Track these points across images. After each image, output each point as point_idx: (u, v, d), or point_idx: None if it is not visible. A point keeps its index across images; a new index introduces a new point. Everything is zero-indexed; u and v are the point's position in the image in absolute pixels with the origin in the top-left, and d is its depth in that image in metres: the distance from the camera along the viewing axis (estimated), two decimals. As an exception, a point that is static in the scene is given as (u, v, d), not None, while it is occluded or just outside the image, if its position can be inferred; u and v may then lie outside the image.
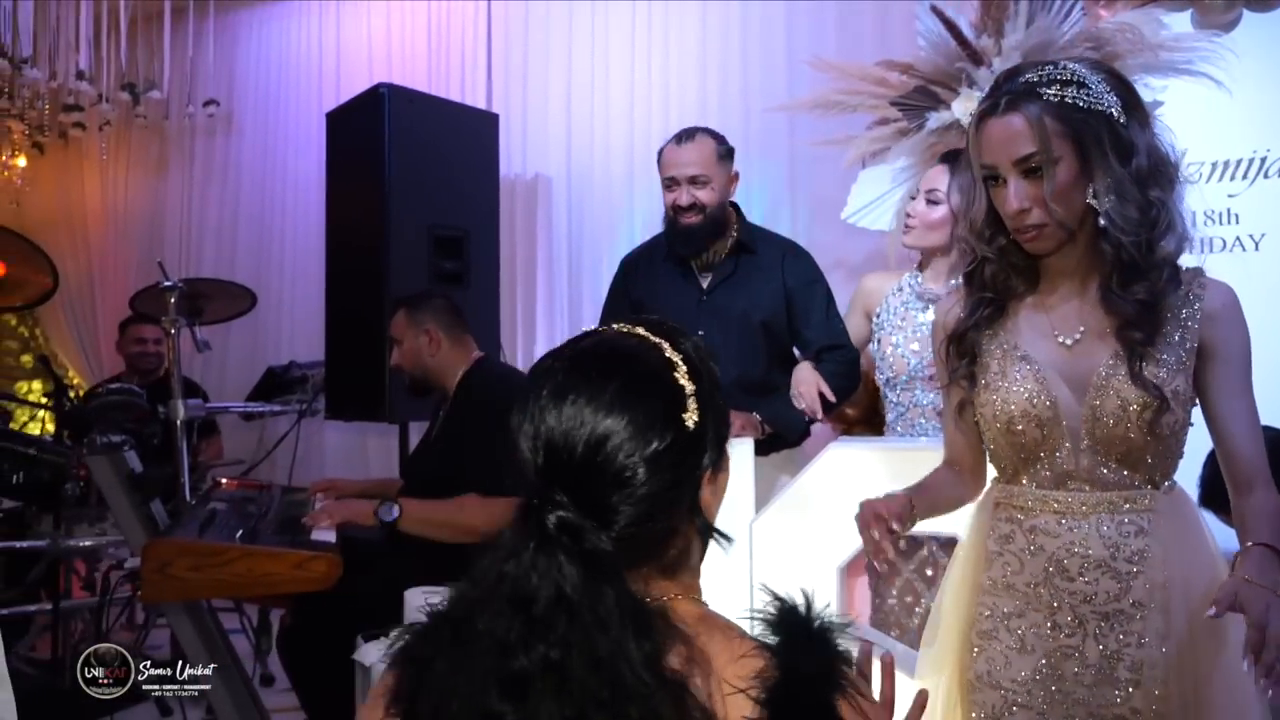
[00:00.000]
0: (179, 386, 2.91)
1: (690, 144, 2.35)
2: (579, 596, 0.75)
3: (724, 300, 2.37)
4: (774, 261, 2.37)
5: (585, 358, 0.87)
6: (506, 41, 4.32)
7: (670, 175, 2.35)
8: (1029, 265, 1.33)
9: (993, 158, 1.26)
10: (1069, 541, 1.28)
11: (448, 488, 2.43)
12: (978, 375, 1.35)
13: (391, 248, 3.22)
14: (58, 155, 5.73)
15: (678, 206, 2.33)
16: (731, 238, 2.40)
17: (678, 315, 2.37)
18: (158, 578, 1.82)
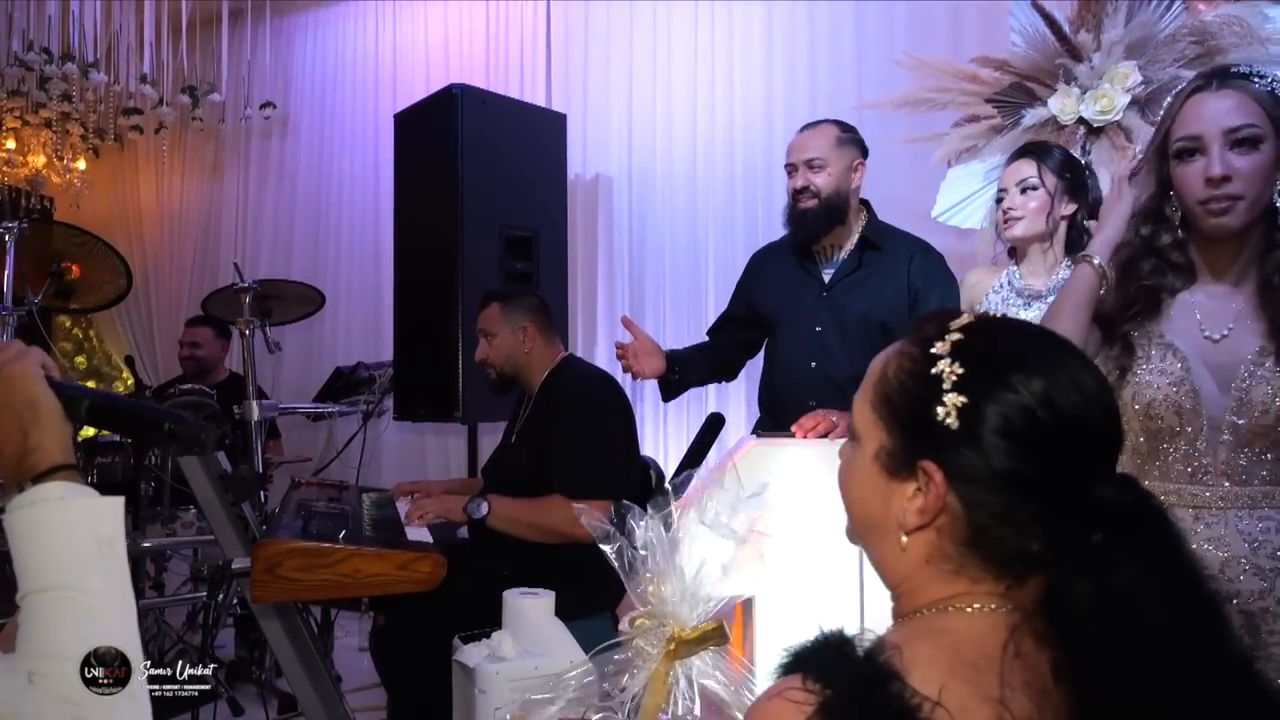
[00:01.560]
0: (254, 387, 2.93)
1: (811, 130, 2.35)
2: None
3: (844, 297, 2.33)
4: (901, 260, 2.32)
5: None
6: (566, 41, 4.31)
7: (789, 161, 2.34)
8: (1187, 263, 1.34)
9: (1200, 127, 1.26)
10: (1208, 538, 1.27)
11: (530, 487, 2.42)
12: (1128, 367, 1.35)
13: (464, 249, 3.22)
14: (113, 159, 5.80)
15: (794, 191, 2.31)
16: (857, 233, 2.36)
17: (796, 310, 2.37)
18: (268, 578, 1.82)
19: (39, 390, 0.86)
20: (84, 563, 0.81)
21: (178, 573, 4.00)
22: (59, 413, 0.87)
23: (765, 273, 2.50)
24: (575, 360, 2.73)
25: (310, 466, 3.79)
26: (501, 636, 1.96)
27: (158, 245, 5.87)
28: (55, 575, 0.80)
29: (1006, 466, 0.73)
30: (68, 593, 0.79)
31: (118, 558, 0.83)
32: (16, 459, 0.84)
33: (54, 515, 0.81)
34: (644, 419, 3.83)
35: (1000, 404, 0.74)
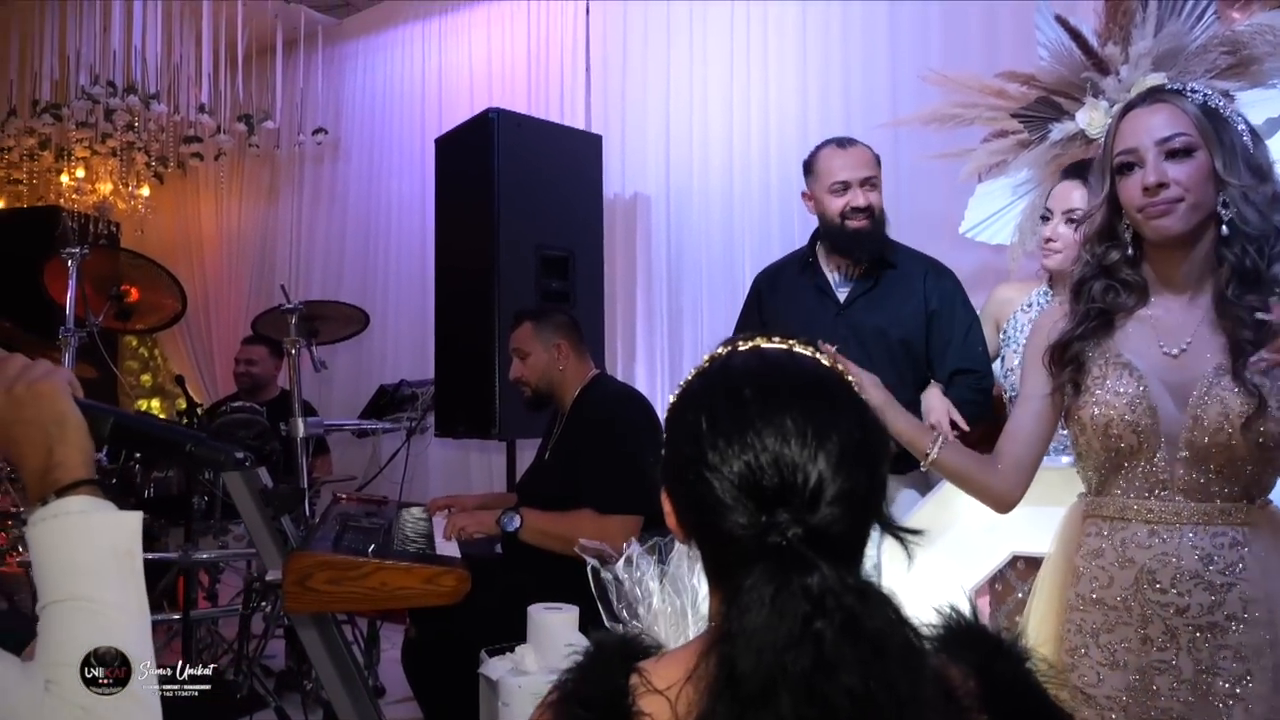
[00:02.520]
0: (299, 405, 3.03)
1: (855, 148, 2.36)
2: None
3: (862, 314, 2.34)
4: (916, 278, 2.33)
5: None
6: (605, 62, 4.38)
7: (841, 179, 2.32)
8: (1138, 280, 1.36)
9: (1135, 140, 1.30)
10: (1160, 552, 1.28)
11: (563, 503, 2.47)
12: (1081, 384, 1.36)
13: (501, 268, 3.30)
14: (175, 185, 6.05)
15: (852, 209, 2.30)
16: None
17: (814, 328, 2.36)
18: (298, 590, 1.88)
19: (66, 407, 0.89)
20: (101, 574, 0.83)
21: (230, 585, 4.13)
22: (84, 429, 0.90)
23: (777, 292, 2.51)
24: (606, 378, 2.77)
25: (357, 483, 3.89)
26: (525, 650, 2.00)
27: (217, 267, 6.10)
28: (73, 586, 0.82)
29: (690, 506, 0.80)
30: (84, 603, 0.82)
31: (134, 570, 0.85)
32: (41, 473, 0.87)
33: (74, 528, 0.84)
34: (673, 436, 3.86)
35: (678, 449, 0.83)
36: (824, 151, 2.39)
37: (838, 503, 0.72)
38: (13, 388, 0.88)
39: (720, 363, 0.84)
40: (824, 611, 0.68)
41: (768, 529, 0.72)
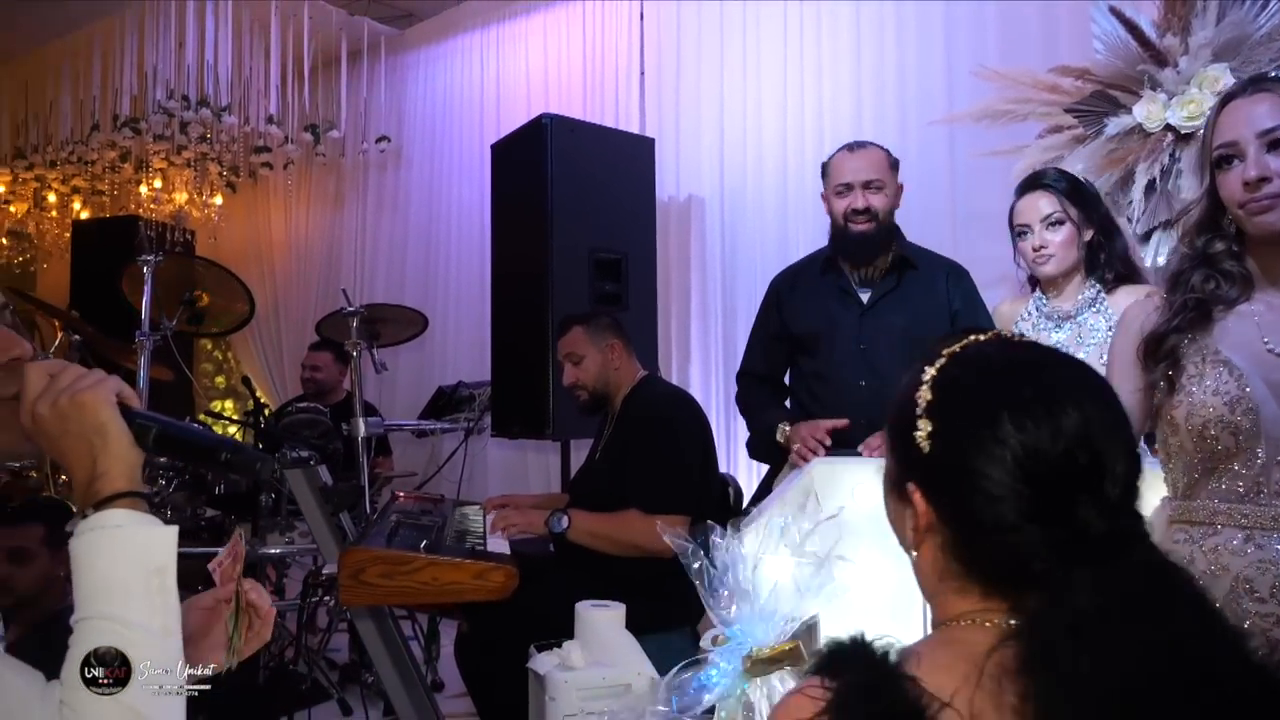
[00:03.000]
0: (360, 405, 3.12)
1: (863, 151, 2.37)
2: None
3: (886, 314, 2.35)
4: (937, 279, 2.34)
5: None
6: (659, 66, 4.41)
7: (844, 181, 2.35)
8: (1241, 272, 1.30)
9: (1235, 133, 1.26)
10: (1258, 560, 1.22)
11: (612, 503, 2.49)
12: (1175, 380, 1.31)
13: (554, 271, 3.35)
14: (247, 194, 6.26)
15: (853, 211, 2.32)
16: (893, 252, 2.38)
17: (839, 330, 2.38)
18: (352, 583, 1.95)
19: (108, 416, 0.88)
20: (128, 593, 0.83)
21: (297, 579, 4.26)
22: (128, 439, 0.89)
23: (797, 294, 2.50)
24: (654, 379, 2.79)
25: (416, 481, 3.99)
26: (572, 646, 2.03)
27: (286, 272, 6.30)
28: (101, 604, 0.82)
29: (975, 496, 0.75)
30: (108, 623, 0.82)
31: (162, 588, 0.84)
32: (86, 484, 0.87)
33: (108, 543, 0.84)
34: (721, 436, 3.86)
35: (968, 437, 0.76)
36: (836, 155, 2.42)
37: (1132, 488, 0.74)
38: (58, 400, 0.88)
39: (976, 349, 0.82)
40: (1131, 608, 0.68)
41: (1074, 513, 0.71)
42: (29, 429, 0.89)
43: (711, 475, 2.67)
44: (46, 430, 0.88)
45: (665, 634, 2.43)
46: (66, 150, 5.61)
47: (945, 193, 3.53)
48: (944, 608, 0.82)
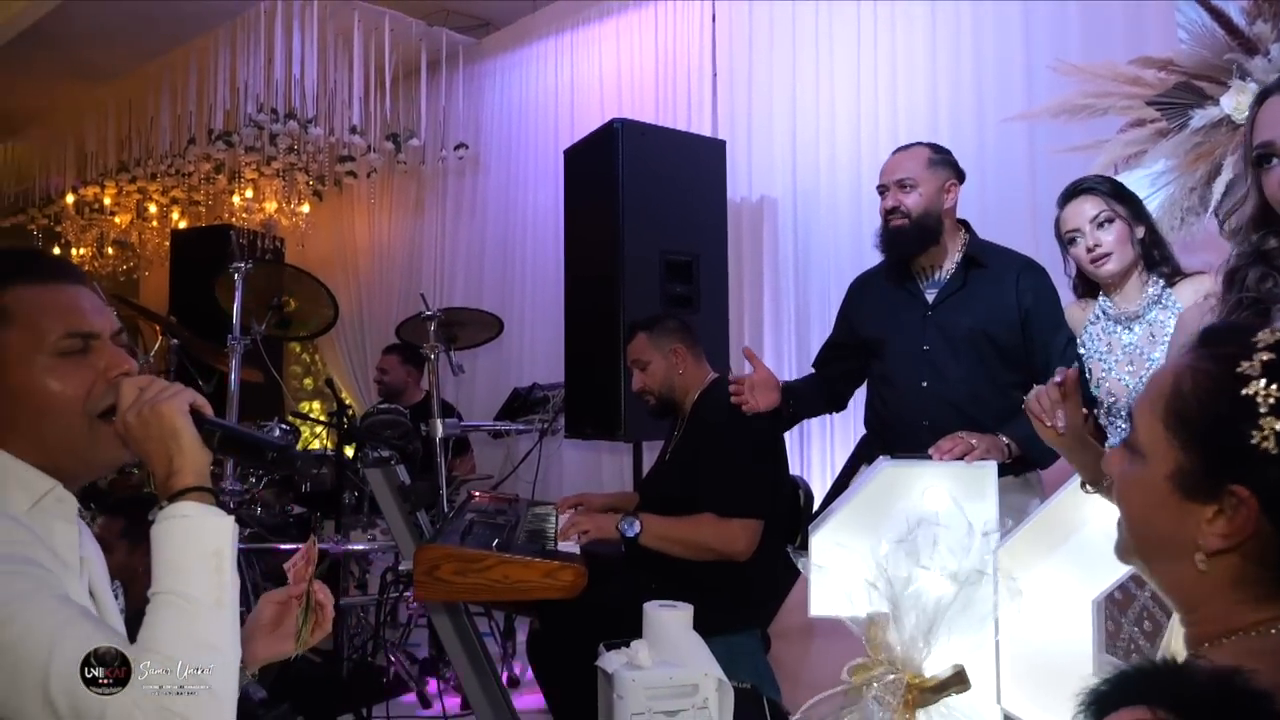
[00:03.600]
0: (438, 407, 3.21)
1: (903, 151, 2.40)
2: None
3: (950, 314, 2.31)
4: (1008, 276, 2.29)
5: None
6: (730, 68, 4.41)
7: (880, 182, 2.39)
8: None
9: (1272, 131, 1.22)
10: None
11: (683, 507, 2.50)
12: None
13: (625, 274, 3.38)
14: (332, 202, 6.48)
15: (885, 211, 2.35)
16: (959, 252, 2.34)
17: (902, 330, 2.37)
18: (427, 580, 2.01)
19: (181, 424, 1.04)
20: (192, 572, 0.98)
21: (379, 575, 4.39)
22: (197, 442, 1.05)
23: (865, 297, 2.51)
24: (724, 381, 2.79)
25: (492, 481, 4.08)
26: (640, 645, 2.06)
27: (369, 277, 6.49)
28: (169, 581, 0.97)
29: None
30: (172, 597, 0.97)
31: (220, 568, 0.99)
32: (164, 479, 1.03)
33: (178, 530, 1.00)
34: (791, 438, 3.82)
35: None
36: None
37: None
38: (141, 409, 1.04)
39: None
40: None
41: None
42: (122, 435, 1.05)
43: (782, 478, 2.67)
44: (134, 435, 1.04)
45: (733, 636, 2.45)
46: (166, 163, 5.90)
47: (1025, 190, 3.44)
48: (1229, 618, 0.77)
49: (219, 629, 0.97)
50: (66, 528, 1.11)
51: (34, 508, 1.07)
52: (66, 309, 1.10)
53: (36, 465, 1.08)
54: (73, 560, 1.11)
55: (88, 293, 1.14)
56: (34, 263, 1.14)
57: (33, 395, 1.06)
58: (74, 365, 1.08)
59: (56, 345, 1.07)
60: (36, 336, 1.07)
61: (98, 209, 6.90)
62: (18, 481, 1.07)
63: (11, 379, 1.06)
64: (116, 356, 1.11)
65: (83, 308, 1.12)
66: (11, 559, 0.96)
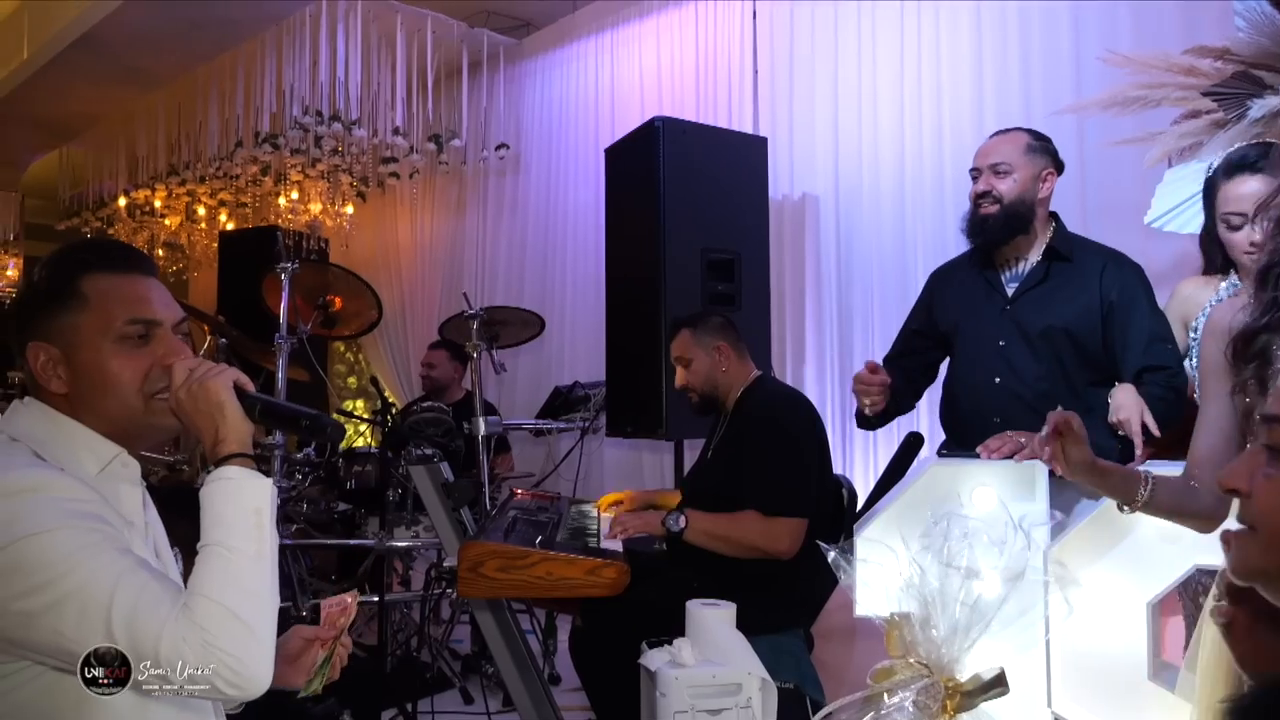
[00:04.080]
0: (481, 405, 3.22)
1: (1001, 135, 2.30)
2: None
3: (1030, 309, 2.23)
4: (1092, 271, 2.20)
5: None
6: (772, 65, 4.38)
7: (974, 166, 2.30)
8: None
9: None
10: None
11: (726, 504, 2.49)
12: (1267, 380, 1.24)
13: (667, 273, 3.38)
14: (375, 203, 6.56)
15: (976, 195, 2.26)
16: (1044, 244, 2.27)
17: (979, 324, 2.31)
18: (471, 576, 2.02)
19: (226, 398, 1.16)
20: (236, 526, 1.09)
21: (422, 571, 4.43)
22: (239, 414, 1.17)
23: (949, 288, 2.43)
24: (768, 379, 2.78)
25: (534, 479, 4.09)
26: (683, 644, 2.05)
27: (412, 276, 6.56)
28: (214, 534, 1.09)
29: None
30: (219, 548, 1.08)
31: (260, 524, 1.10)
32: (211, 447, 1.16)
33: (222, 490, 1.11)
34: (835, 437, 3.80)
35: None
36: None
37: None
38: (191, 387, 1.16)
39: None
40: None
41: None
42: (175, 411, 1.18)
43: (826, 476, 2.65)
44: (185, 409, 1.17)
45: (776, 635, 2.43)
46: (214, 166, 6.01)
47: (1074, 184, 3.37)
48: None
49: (260, 577, 1.08)
50: (131, 490, 1.23)
51: (102, 472, 1.18)
52: (134, 298, 1.21)
53: (103, 434, 1.19)
54: (138, 520, 1.23)
55: (157, 284, 1.25)
56: (111, 253, 1.24)
57: (97, 375, 1.18)
58: (134, 350, 1.19)
59: (121, 331, 1.18)
60: (105, 322, 1.18)
61: (148, 212, 7.05)
62: (87, 448, 1.18)
63: (81, 358, 1.18)
64: (174, 345, 1.22)
65: (149, 298, 1.22)
66: (82, 514, 1.06)
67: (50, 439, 1.17)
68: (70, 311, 1.18)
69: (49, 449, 1.15)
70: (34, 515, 1.03)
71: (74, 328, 1.18)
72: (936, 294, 2.49)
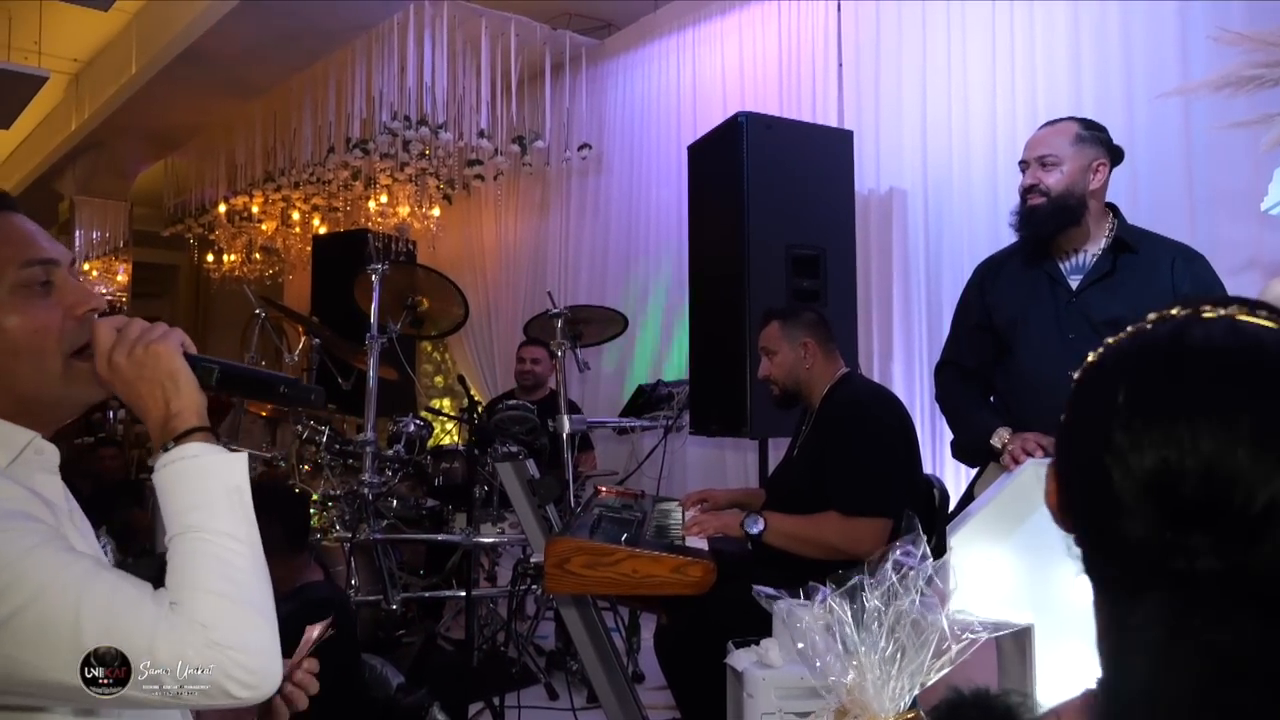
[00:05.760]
0: (565, 403, 3.25)
1: (1050, 126, 2.25)
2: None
3: (1097, 301, 2.16)
4: (1162, 264, 2.12)
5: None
6: (857, 58, 4.30)
7: (1022, 159, 2.26)
8: None
9: None
10: None
11: (810, 504, 2.45)
12: None
13: (751, 269, 3.34)
14: (461, 205, 6.67)
15: (1022, 188, 2.22)
16: (1106, 236, 2.19)
17: (1041, 318, 2.23)
18: (558, 572, 2.03)
19: (178, 364, 0.99)
20: (213, 508, 0.93)
21: (508, 568, 4.49)
22: (194, 383, 0.99)
23: (1001, 280, 2.35)
24: (855, 376, 2.73)
25: (617, 477, 4.10)
26: (770, 644, 2.03)
27: (496, 277, 6.66)
28: (190, 519, 0.92)
29: None
30: (200, 533, 0.92)
31: (243, 503, 0.95)
32: (161, 423, 0.97)
33: (190, 471, 0.94)
34: (925, 436, 3.69)
35: None
36: None
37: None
38: (133, 350, 0.98)
39: (1170, 326, 0.66)
40: (1236, 678, 0.53)
41: (1170, 550, 0.55)
42: (106, 377, 0.99)
43: (916, 477, 2.58)
44: (124, 377, 0.98)
45: (865, 637, 2.37)
46: (307, 172, 6.20)
47: (1180, 172, 3.21)
48: None
49: (254, 561, 0.94)
50: (49, 479, 1.03)
51: (14, 463, 0.99)
52: (19, 237, 1.00)
53: (7, 417, 0.99)
54: (62, 509, 1.01)
55: (29, 220, 1.04)
56: None
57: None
58: (36, 302, 0.99)
59: (15, 277, 0.98)
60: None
61: (246, 217, 7.33)
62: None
63: None
64: (82, 291, 1.03)
65: (33, 234, 1.02)
66: (9, 515, 0.88)
67: None
68: None
69: None
70: None
71: None
72: (988, 287, 2.41)
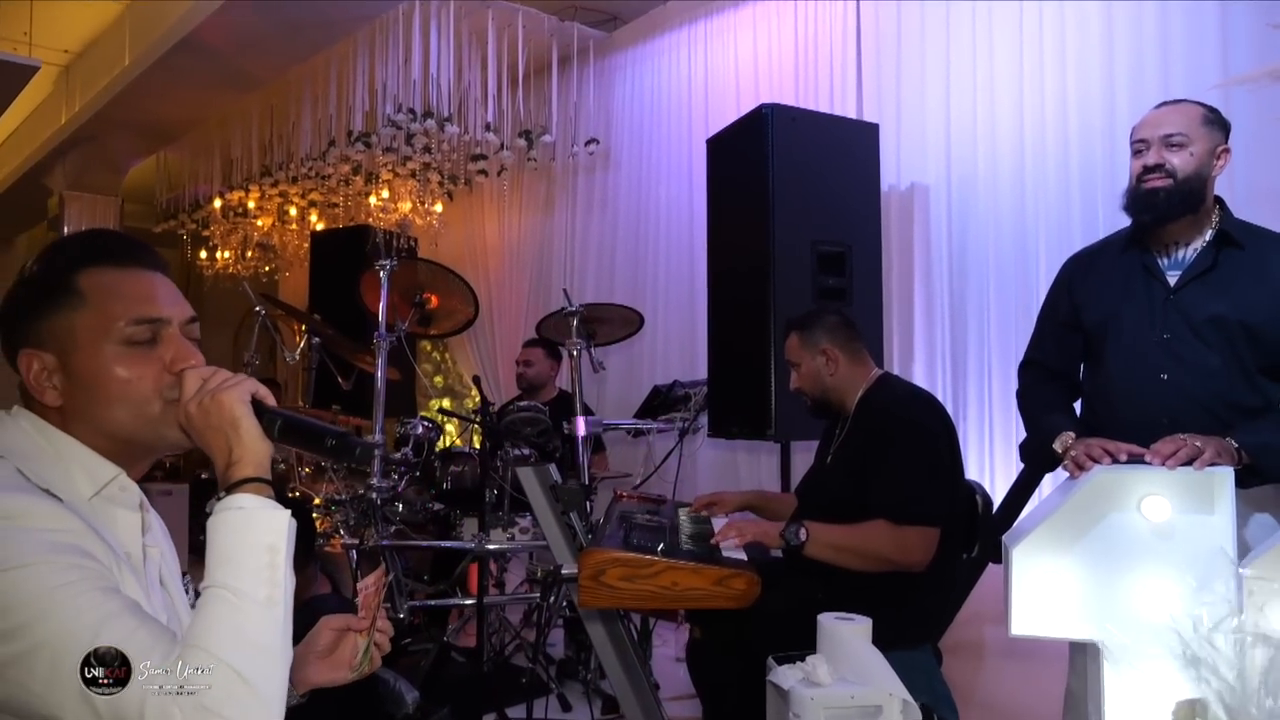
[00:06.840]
0: (580, 404, 3.13)
1: (1172, 105, 2.07)
2: None
3: (1198, 299, 2.01)
4: (1269, 258, 1.98)
5: None
6: (877, 49, 4.19)
7: (1140, 137, 2.06)
8: None
9: None
10: None
11: (848, 512, 2.34)
12: None
13: (776, 266, 3.23)
14: (463, 200, 6.54)
15: (1143, 169, 2.02)
16: (1211, 229, 2.06)
17: (1137, 315, 2.10)
18: (593, 585, 1.91)
19: (241, 412, 1.02)
20: (242, 566, 0.94)
21: (516, 574, 4.37)
22: (256, 432, 1.02)
23: (1092, 276, 2.20)
24: (892, 378, 2.61)
25: (631, 480, 3.98)
26: (816, 661, 1.91)
27: (500, 275, 6.53)
28: (219, 574, 0.94)
29: None
30: (222, 591, 0.93)
31: (273, 564, 0.96)
32: (224, 469, 1.01)
33: (233, 522, 0.97)
34: (967, 441, 3.59)
35: None
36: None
37: None
38: (202, 399, 1.03)
39: None
40: None
41: None
42: (184, 425, 1.05)
43: (959, 482, 2.47)
44: (195, 425, 1.03)
45: (905, 651, 2.26)
46: (306, 167, 6.07)
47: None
48: None
49: (270, 627, 0.94)
50: (129, 515, 1.09)
51: (97, 495, 1.05)
52: (138, 295, 1.08)
53: (100, 452, 1.06)
54: (135, 550, 1.08)
55: (163, 279, 1.11)
56: (109, 245, 1.10)
57: (97, 383, 1.05)
58: (141, 356, 1.06)
59: (124, 333, 1.06)
60: (105, 322, 1.05)
61: (241, 213, 7.18)
62: (81, 467, 1.05)
63: (78, 364, 1.05)
64: (183, 349, 1.09)
65: (155, 294, 1.09)
66: (62, 548, 0.92)
67: (38, 455, 1.03)
68: (65, 311, 1.05)
69: (36, 466, 1.01)
70: (3, 548, 0.89)
71: (69, 330, 1.05)
72: (1077, 283, 2.26)
